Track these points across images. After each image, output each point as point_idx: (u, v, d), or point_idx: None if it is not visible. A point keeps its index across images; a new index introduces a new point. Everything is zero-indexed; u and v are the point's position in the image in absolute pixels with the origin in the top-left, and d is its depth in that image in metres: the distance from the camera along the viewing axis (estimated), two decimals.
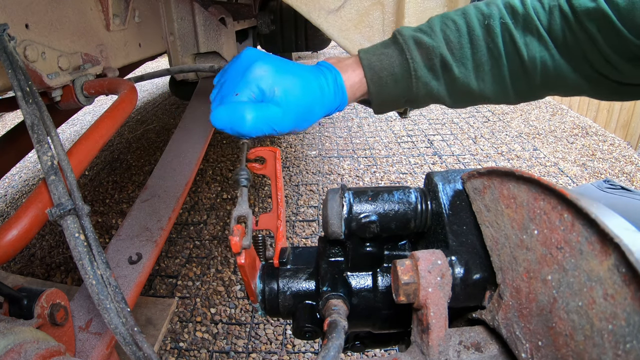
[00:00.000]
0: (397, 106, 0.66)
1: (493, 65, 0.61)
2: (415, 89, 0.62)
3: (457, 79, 0.62)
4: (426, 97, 0.64)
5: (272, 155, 0.64)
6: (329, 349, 0.37)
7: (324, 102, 0.60)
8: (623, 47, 0.54)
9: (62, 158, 0.52)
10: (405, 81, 0.62)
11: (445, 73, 0.62)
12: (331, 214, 0.45)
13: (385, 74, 0.62)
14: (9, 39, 0.58)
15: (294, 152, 2.85)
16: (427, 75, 0.62)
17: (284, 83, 0.57)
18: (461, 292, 0.40)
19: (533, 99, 0.67)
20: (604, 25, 0.55)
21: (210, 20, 1.41)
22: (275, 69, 0.58)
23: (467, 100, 0.66)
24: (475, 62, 0.61)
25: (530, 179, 0.32)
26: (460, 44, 0.61)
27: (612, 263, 0.25)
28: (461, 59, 0.61)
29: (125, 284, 0.71)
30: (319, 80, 0.61)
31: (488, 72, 0.62)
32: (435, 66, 0.61)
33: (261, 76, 0.57)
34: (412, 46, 0.61)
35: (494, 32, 0.60)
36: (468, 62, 0.61)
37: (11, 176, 2.87)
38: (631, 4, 0.52)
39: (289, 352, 1.37)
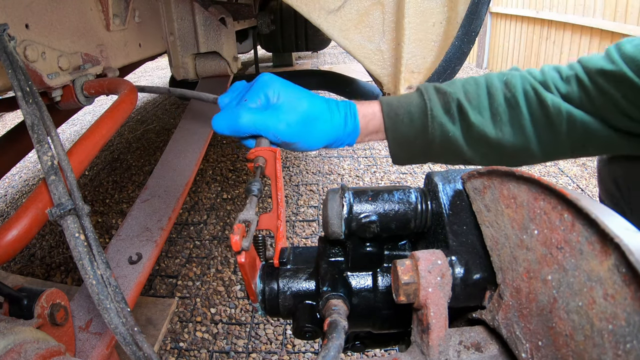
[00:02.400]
0: (412, 148, 0.65)
1: (511, 114, 0.62)
2: (431, 129, 0.62)
3: (473, 124, 0.62)
4: (442, 140, 0.63)
5: (272, 155, 0.64)
6: (329, 349, 0.37)
7: (332, 121, 0.62)
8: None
9: (62, 158, 0.52)
10: (420, 120, 0.63)
11: (462, 117, 0.62)
12: (331, 214, 0.45)
13: (401, 111, 0.63)
14: (9, 39, 0.58)
15: (294, 152, 2.85)
16: (443, 116, 0.62)
17: (289, 93, 0.60)
18: (461, 292, 0.40)
19: (561, 154, 0.66)
20: (622, 85, 0.56)
21: (210, 20, 1.41)
22: (284, 84, 0.61)
23: (485, 148, 0.64)
24: (492, 111, 0.62)
25: (530, 179, 0.32)
26: (478, 94, 0.63)
27: (612, 263, 0.25)
28: (478, 107, 0.62)
29: (125, 284, 0.71)
30: (328, 102, 0.63)
31: (507, 122, 0.62)
32: (451, 109, 0.62)
33: (269, 86, 0.60)
34: (431, 91, 0.64)
35: (512, 84, 0.62)
36: (485, 111, 0.62)
37: (11, 176, 2.87)
38: None
39: (289, 352, 1.37)
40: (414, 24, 1.02)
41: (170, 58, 1.46)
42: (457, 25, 1.01)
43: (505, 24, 5.19)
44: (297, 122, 0.59)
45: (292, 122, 0.59)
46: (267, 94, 0.59)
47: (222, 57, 1.48)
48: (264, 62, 5.34)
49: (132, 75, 5.23)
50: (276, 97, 0.60)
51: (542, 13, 4.37)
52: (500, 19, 5.32)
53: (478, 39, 4.63)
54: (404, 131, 0.64)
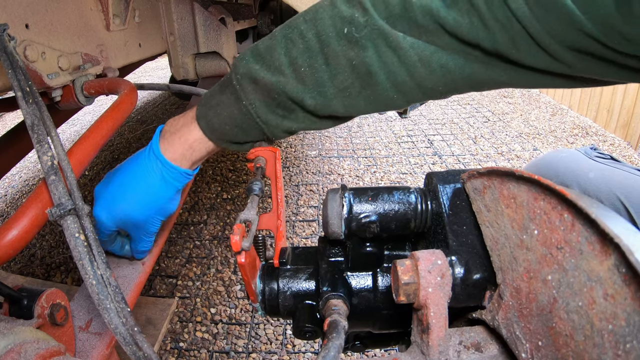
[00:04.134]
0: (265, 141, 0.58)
1: (363, 86, 0.47)
2: (270, 133, 0.53)
3: (315, 111, 0.49)
4: (286, 133, 0.54)
5: (272, 155, 0.64)
6: (329, 349, 0.37)
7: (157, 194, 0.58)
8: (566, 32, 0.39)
9: (62, 158, 0.52)
10: (254, 129, 0.53)
11: (297, 109, 0.50)
12: (331, 214, 0.45)
13: (228, 127, 0.53)
14: (9, 39, 0.58)
15: (294, 152, 2.85)
16: (275, 117, 0.51)
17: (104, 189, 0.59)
18: (461, 292, 0.41)
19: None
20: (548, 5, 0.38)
21: (210, 20, 1.41)
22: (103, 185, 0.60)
23: (342, 121, 0.54)
24: (336, 86, 0.47)
25: (530, 179, 0.32)
26: (313, 67, 0.46)
27: (612, 263, 0.25)
28: (316, 87, 0.47)
29: (125, 284, 0.71)
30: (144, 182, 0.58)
31: (357, 95, 0.48)
32: (282, 104, 0.49)
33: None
34: (248, 87, 0.50)
35: (359, 43, 0.44)
36: (327, 89, 0.47)
37: (11, 176, 2.87)
38: None
39: (289, 352, 1.37)
40: None
41: (170, 58, 1.46)
42: None
43: None
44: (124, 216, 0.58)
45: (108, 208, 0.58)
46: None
47: (222, 57, 1.48)
48: None
49: (132, 75, 5.22)
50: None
51: None
52: None
53: None
54: (242, 139, 0.57)
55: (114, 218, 0.58)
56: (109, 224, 0.58)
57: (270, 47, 0.49)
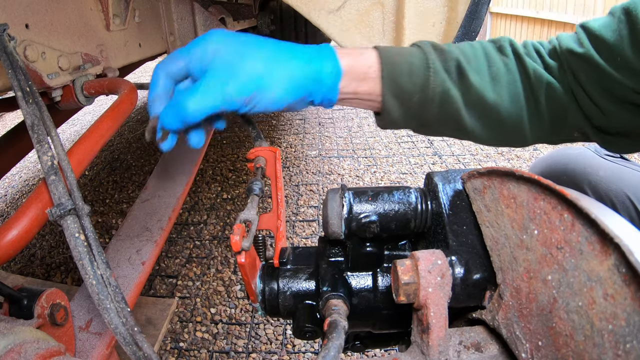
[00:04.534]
0: (409, 106, 0.57)
1: (508, 78, 0.58)
2: (433, 85, 0.56)
3: (472, 85, 0.57)
4: (442, 100, 0.57)
5: (272, 155, 0.64)
6: (329, 349, 0.37)
7: (295, 69, 0.51)
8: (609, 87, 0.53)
9: (62, 158, 0.52)
10: (422, 73, 0.56)
11: (460, 77, 0.57)
12: (331, 214, 0.45)
13: (401, 60, 0.55)
14: (9, 39, 0.58)
15: (294, 152, 2.85)
16: (443, 73, 0.57)
17: (229, 49, 0.50)
18: (461, 292, 0.41)
19: (545, 133, 0.62)
20: (589, 68, 0.54)
21: (210, 20, 1.41)
22: (224, 39, 0.51)
23: (483, 113, 0.59)
24: (490, 73, 0.58)
25: (530, 179, 0.32)
26: (475, 56, 0.59)
27: (612, 263, 0.25)
28: (476, 69, 0.58)
29: (125, 284, 0.71)
30: (286, 47, 0.53)
31: (505, 86, 0.58)
32: (450, 68, 0.57)
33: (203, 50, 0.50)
34: (429, 48, 0.59)
35: (506, 52, 0.59)
36: (483, 73, 0.58)
37: (11, 176, 2.87)
38: (620, 38, 0.52)
39: (289, 352, 1.37)
40: (414, 24, 1.03)
41: None
42: (457, 25, 1.01)
43: (505, 24, 5.19)
44: (241, 84, 0.49)
45: (235, 86, 0.48)
46: (202, 61, 0.49)
47: None
48: None
49: (132, 75, 5.22)
50: (210, 60, 0.49)
51: (542, 13, 4.37)
52: (500, 19, 5.32)
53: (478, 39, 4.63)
54: (403, 83, 0.55)
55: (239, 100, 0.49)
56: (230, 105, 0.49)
57: (445, 44, 0.61)
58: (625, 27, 0.53)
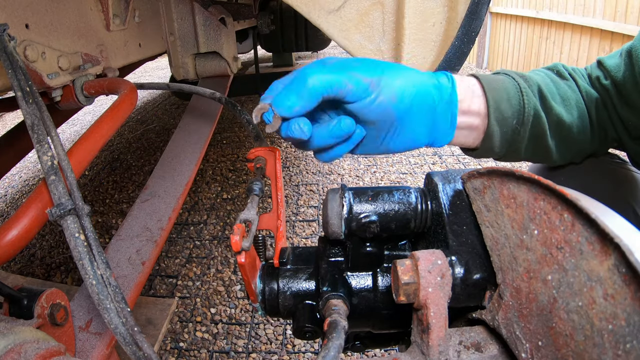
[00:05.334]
0: (506, 131, 0.59)
1: (577, 99, 0.63)
2: (527, 108, 0.58)
3: (553, 107, 0.61)
4: (533, 122, 0.59)
5: (272, 155, 0.64)
6: (329, 349, 0.37)
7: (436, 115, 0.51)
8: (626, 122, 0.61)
9: (62, 158, 0.52)
10: (517, 98, 0.58)
11: (542, 101, 0.61)
12: (331, 214, 0.45)
13: (500, 86, 0.58)
14: (9, 39, 0.58)
15: (294, 152, 2.85)
16: (533, 97, 0.60)
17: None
18: (461, 292, 0.40)
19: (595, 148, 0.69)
20: (609, 100, 0.63)
21: (210, 20, 1.41)
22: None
23: (561, 134, 0.63)
24: (561, 96, 0.63)
25: (530, 179, 0.32)
26: (545, 82, 0.63)
27: (612, 263, 0.25)
28: (551, 93, 0.62)
29: (125, 284, 0.71)
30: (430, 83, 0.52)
31: (574, 107, 0.63)
32: (535, 92, 0.61)
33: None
34: (514, 74, 0.61)
35: (565, 75, 0.65)
36: (556, 96, 0.62)
37: (11, 176, 2.87)
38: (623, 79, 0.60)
39: (289, 352, 1.37)
40: (414, 24, 1.02)
41: (170, 58, 1.46)
42: (457, 25, 1.01)
43: (505, 24, 5.19)
44: (368, 66, 0.48)
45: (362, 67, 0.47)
46: None
47: (222, 57, 1.48)
48: (264, 62, 5.34)
49: (132, 75, 5.23)
50: None
51: (542, 13, 4.37)
52: (500, 19, 5.31)
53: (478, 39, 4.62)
54: (503, 109, 0.56)
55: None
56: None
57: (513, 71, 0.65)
58: (627, 68, 0.59)
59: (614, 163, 0.91)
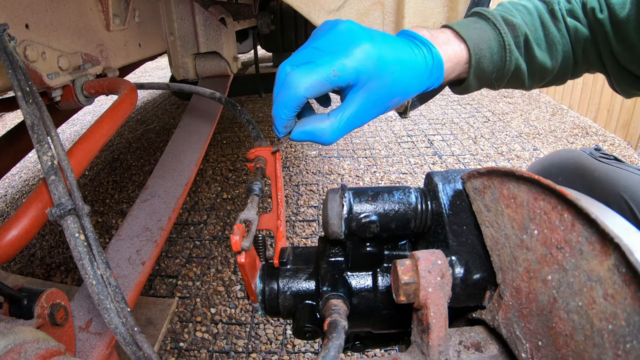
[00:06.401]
0: (484, 82, 0.65)
1: (564, 43, 0.65)
2: (508, 64, 0.63)
3: (536, 57, 0.64)
4: (513, 74, 0.64)
5: (272, 155, 0.64)
6: (329, 349, 0.37)
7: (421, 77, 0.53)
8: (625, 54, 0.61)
9: (62, 158, 0.52)
10: (499, 55, 0.62)
11: (527, 51, 0.64)
12: (331, 214, 0.45)
13: (484, 46, 0.61)
14: (9, 39, 0.58)
15: (294, 152, 2.85)
16: (516, 51, 0.63)
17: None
18: (461, 292, 0.40)
19: (578, 75, 0.72)
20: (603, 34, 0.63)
21: (210, 20, 1.41)
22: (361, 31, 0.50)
23: (541, 77, 0.68)
24: (548, 42, 0.65)
25: (530, 179, 0.32)
26: (534, 26, 0.64)
27: (612, 263, 0.25)
28: (537, 40, 0.64)
29: (125, 284, 0.71)
30: (416, 53, 0.54)
31: (560, 52, 0.65)
32: (519, 44, 0.63)
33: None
34: (502, 22, 0.63)
35: (558, 16, 0.66)
36: (542, 43, 0.64)
37: (11, 176, 2.87)
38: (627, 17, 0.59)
39: (289, 352, 1.37)
40: (414, 24, 1.02)
41: (170, 58, 1.46)
42: None
43: None
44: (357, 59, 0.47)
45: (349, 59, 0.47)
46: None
47: (222, 57, 1.48)
48: (264, 62, 5.34)
49: (132, 75, 5.23)
50: None
51: None
52: None
53: None
54: (484, 66, 0.62)
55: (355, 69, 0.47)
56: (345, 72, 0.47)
57: (506, 8, 0.66)
58: (634, 7, 0.59)
59: (610, 162, 0.92)
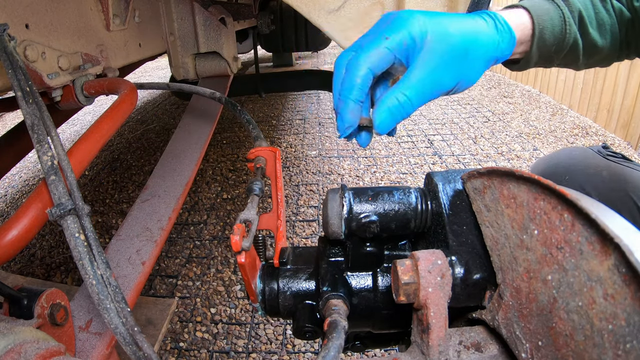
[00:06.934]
0: (542, 59, 0.65)
1: (612, 24, 0.66)
2: (568, 37, 0.63)
3: (589, 33, 0.65)
4: (571, 47, 0.65)
5: (272, 155, 0.64)
6: (329, 349, 0.37)
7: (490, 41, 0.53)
8: None
9: (62, 158, 0.52)
10: (560, 27, 0.63)
11: (581, 27, 0.65)
12: (331, 214, 0.45)
13: (546, 17, 0.62)
14: (9, 39, 0.58)
15: (294, 152, 2.85)
16: (574, 25, 0.64)
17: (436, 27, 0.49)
18: (461, 292, 0.40)
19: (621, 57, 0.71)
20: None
21: (210, 20, 1.41)
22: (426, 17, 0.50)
23: (593, 56, 0.68)
24: (598, 21, 0.65)
25: (530, 179, 0.32)
26: (585, 4, 0.66)
27: (612, 263, 0.25)
28: (589, 18, 0.65)
29: (125, 284, 0.71)
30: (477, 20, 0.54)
31: (609, 32, 0.66)
32: (576, 19, 0.64)
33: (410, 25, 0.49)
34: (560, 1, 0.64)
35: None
36: (593, 21, 0.65)
37: (11, 176, 2.87)
38: None
39: (289, 352, 1.37)
40: None
41: (170, 58, 1.46)
42: None
43: None
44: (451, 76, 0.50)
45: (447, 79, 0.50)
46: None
47: (222, 57, 1.48)
48: (264, 62, 5.34)
49: (132, 75, 5.23)
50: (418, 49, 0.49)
51: None
52: None
53: None
54: (546, 38, 0.62)
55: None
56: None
57: None
58: None
59: (618, 161, 0.92)
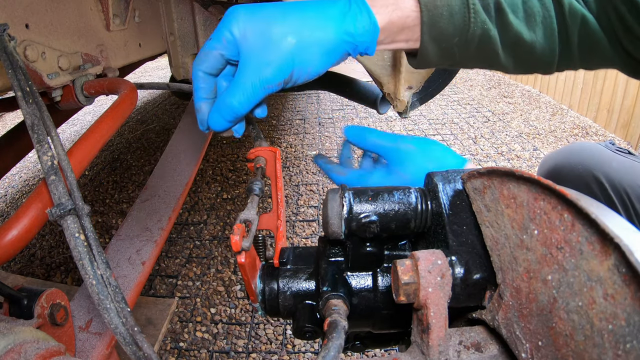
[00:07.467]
0: (447, 47, 0.57)
1: (545, 15, 0.58)
2: (473, 28, 0.55)
3: (510, 24, 0.57)
4: (481, 41, 0.57)
5: (272, 155, 0.64)
6: (329, 349, 0.37)
7: (330, 29, 0.49)
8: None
9: (62, 158, 0.52)
10: (462, 15, 0.55)
11: (499, 17, 0.57)
12: (331, 214, 0.45)
13: (439, 3, 0.54)
14: (9, 39, 0.58)
15: (294, 152, 2.85)
16: (484, 14, 0.56)
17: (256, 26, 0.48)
18: (461, 292, 0.40)
19: (570, 66, 0.63)
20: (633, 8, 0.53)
21: (211, 20, 1.41)
22: (250, 14, 0.49)
23: (518, 51, 0.60)
24: (526, 11, 0.57)
25: (530, 179, 0.32)
26: None
27: (612, 263, 0.25)
28: (512, 6, 0.57)
29: (125, 284, 0.71)
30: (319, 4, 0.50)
31: (540, 24, 0.58)
32: (489, 6, 0.56)
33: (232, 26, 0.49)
34: None
35: None
36: (519, 11, 0.57)
37: (11, 176, 2.87)
38: None
39: (289, 352, 1.37)
40: None
41: (170, 58, 1.46)
42: None
43: None
44: (277, 68, 0.48)
45: (272, 72, 0.48)
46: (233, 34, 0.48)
47: None
48: None
49: (132, 75, 5.22)
50: (240, 43, 0.49)
51: None
52: None
53: None
54: (442, 27, 0.54)
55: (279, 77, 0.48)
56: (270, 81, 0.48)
57: None
58: None
59: (625, 155, 0.95)
